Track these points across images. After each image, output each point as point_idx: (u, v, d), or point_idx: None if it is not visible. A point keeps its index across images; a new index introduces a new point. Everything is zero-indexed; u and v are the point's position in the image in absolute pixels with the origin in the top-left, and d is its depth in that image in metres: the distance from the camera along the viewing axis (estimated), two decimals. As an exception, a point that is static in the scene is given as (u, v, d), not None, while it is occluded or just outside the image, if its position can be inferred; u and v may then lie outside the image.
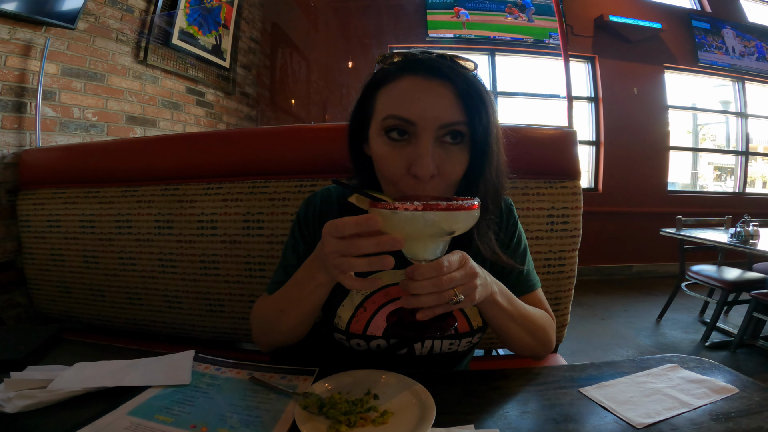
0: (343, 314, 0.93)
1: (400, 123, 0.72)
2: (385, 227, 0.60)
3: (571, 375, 0.89)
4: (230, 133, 1.57)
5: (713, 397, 0.76)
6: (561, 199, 1.28)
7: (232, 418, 0.71)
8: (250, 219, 1.32)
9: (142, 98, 2.89)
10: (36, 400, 0.73)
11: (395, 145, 0.73)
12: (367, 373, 0.84)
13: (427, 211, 0.56)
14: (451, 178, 0.74)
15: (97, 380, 0.81)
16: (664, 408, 0.73)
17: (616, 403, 0.75)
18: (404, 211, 0.57)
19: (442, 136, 0.72)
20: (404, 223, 0.58)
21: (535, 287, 0.96)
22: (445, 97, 0.71)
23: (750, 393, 0.76)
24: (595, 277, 5.31)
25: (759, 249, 2.78)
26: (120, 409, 0.72)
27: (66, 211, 1.57)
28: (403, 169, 0.72)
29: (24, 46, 2.06)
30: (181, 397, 0.77)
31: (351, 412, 0.69)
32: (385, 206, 0.58)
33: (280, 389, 0.81)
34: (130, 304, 1.54)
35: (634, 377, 0.86)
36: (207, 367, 0.91)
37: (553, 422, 0.70)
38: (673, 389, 0.80)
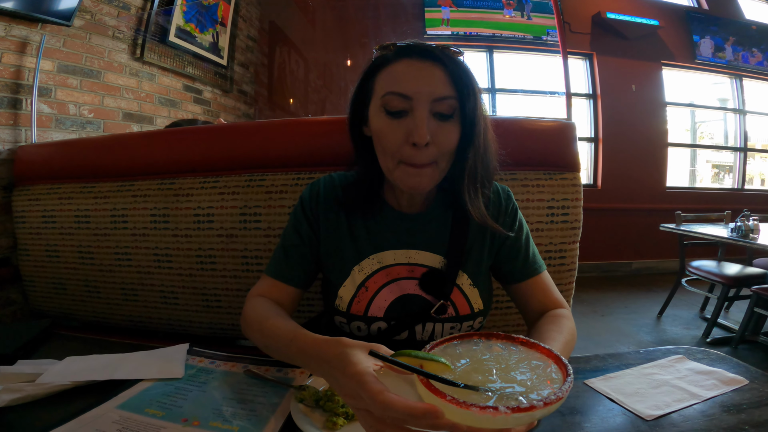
0: (344, 295, 0.92)
1: (398, 98, 0.78)
2: (453, 418, 0.45)
3: (576, 367, 0.88)
4: (227, 128, 1.55)
5: (723, 389, 0.75)
6: (561, 191, 1.27)
7: (225, 411, 0.69)
8: (247, 212, 1.31)
9: (138, 95, 2.87)
10: (24, 394, 0.72)
11: (393, 119, 0.80)
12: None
13: (520, 413, 0.42)
14: (445, 148, 0.81)
15: (87, 374, 0.80)
16: (673, 400, 0.72)
17: (623, 395, 0.74)
18: (487, 415, 0.42)
19: (436, 111, 0.79)
20: (487, 423, 0.43)
21: (541, 269, 0.96)
22: (437, 75, 0.79)
23: (760, 384, 0.75)
24: (595, 274, 5.31)
25: (759, 243, 2.77)
26: (109, 402, 0.71)
27: (61, 207, 1.55)
28: (401, 140, 0.79)
29: (20, 43, 2.05)
30: (173, 390, 0.76)
31: (348, 406, 0.67)
32: (465, 406, 0.43)
33: (276, 382, 0.80)
34: (126, 300, 1.52)
35: (640, 369, 0.85)
36: (201, 360, 0.90)
37: (558, 414, 0.69)
38: (681, 381, 0.79)
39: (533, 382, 0.48)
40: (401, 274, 0.93)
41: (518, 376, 0.49)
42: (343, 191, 0.96)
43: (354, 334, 0.95)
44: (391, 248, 0.93)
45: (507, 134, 1.30)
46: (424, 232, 0.94)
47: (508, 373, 0.49)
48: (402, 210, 0.96)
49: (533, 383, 0.48)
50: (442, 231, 0.95)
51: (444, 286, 0.91)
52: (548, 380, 0.48)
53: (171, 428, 0.64)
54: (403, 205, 0.96)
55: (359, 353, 0.57)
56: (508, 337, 0.56)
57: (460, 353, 0.54)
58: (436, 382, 0.46)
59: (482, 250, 0.95)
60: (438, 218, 0.95)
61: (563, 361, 0.50)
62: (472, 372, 0.50)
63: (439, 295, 0.91)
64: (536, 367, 0.50)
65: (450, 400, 0.43)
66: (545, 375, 0.49)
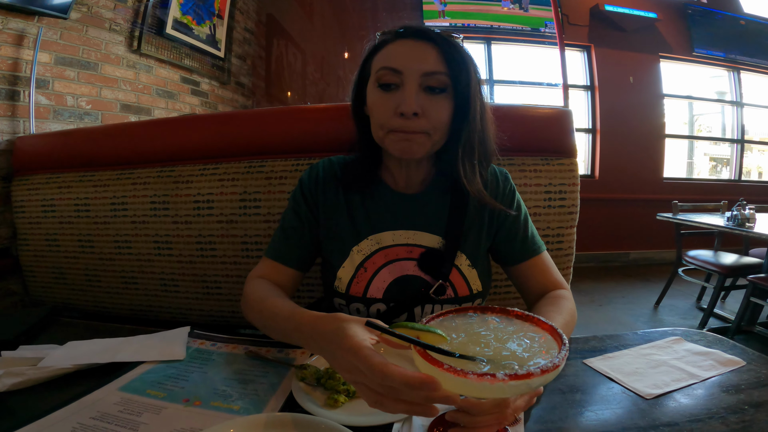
0: (343, 276, 0.93)
1: (390, 73, 0.82)
2: (450, 388, 0.46)
3: (574, 347, 0.89)
4: (226, 115, 1.56)
5: (720, 369, 0.76)
6: (558, 176, 1.28)
7: (226, 391, 0.70)
8: (247, 198, 1.31)
9: (136, 87, 2.87)
10: (25, 378, 0.71)
11: (385, 92, 0.84)
12: None
13: (517, 380, 0.43)
14: (436, 121, 0.83)
15: (88, 357, 0.80)
16: (672, 379, 0.73)
17: (622, 374, 0.75)
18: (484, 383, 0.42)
19: (427, 85, 0.82)
20: (484, 391, 0.44)
21: (540, 250, 0.98)
22: (428, 52, 0.82)
23: (758, 366, 0.76)
24: (592, 264, 5.34)
25: (756, 232, 2.78)
26: (111, 384, 0.71)
27: (60, 196, 1.55)
28: (391, 111, 0.82)
29: (17, 35, 2.06)
30: (174, 372, 0.77)
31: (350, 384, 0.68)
32: (462, 374, 0.43)
33: (277, 362, 0.80)
34: (126, 289, 1.53)
35: (638, 349, 0.86)
36: (202, 342, 0.90)
37: (559, 393, 0.70)
38: (679, 361, 0.80)
39: (529, 352, 0.49)
40: (400, 255, 0.94)
41: (514, 347, 0.49)
42: (342, 170, 0.99)
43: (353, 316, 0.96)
44: (389, 229, 0.94)
45: (505, 121, 1.31)
46: (423, 213, 0.96)
47: (504, 344, 0.50)
48: (400, 190, 0.97)
49: (529, 354, 0.48)
50: (440, 212, 0.96)
51: (442, 265, 0.92)
52: (544, 350, 0.49)
53: (172, 409, 0.65)
54: (401, 185, 0.97)
55: (356, 327, 0.57)
56: (503, 310, 0.57)
57: (456, 326, 0.55)
58: (432, 352, 0.47)
59: (480, 232, 0.96)
60: (436, 199, 0.96)
61: (558, 331, 0.50)
62: (468, 344, 0.51)
63: (437, 275, 0.92)
64: (532, 339, 0.51)
65: (447, 368, 0.43)
66: (541, 345, 0.50)
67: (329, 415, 0.61)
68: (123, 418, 0.62)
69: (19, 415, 0.61)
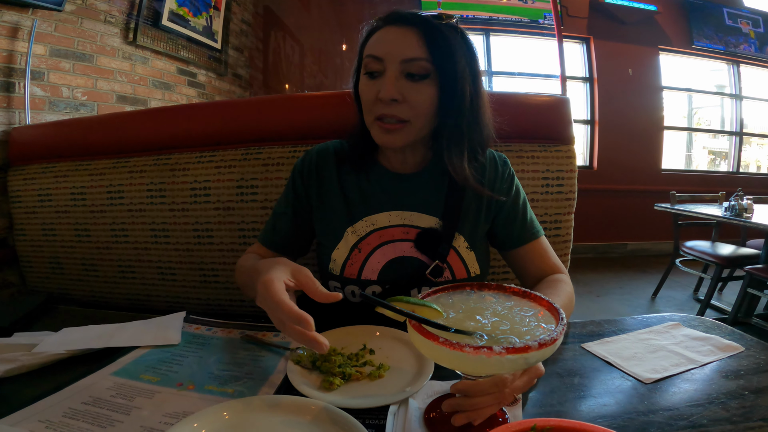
0: (337, 258, 0.94)
1: (373, 60, 0.84)
2: (446, 363, 0.47)
3: (572, 331, 0.88)
4: (223, 104, 1.55)
5: (719, 355, 0.75)
6: (556, 162, 1.27)
7: (221, 375, 0.69)
8: (244, 185, 1.31)
9: (132, 78, 2.86)
10: (19, 364, 0.71)
11: (371, 79, 0.85)
12: (364, 328, 0.84)
13: (515, 353, 0.42)
14: (418, 108, 0.83)
15: (82, 343, 0.79)
16: (671, 364, 0.72)
17: (621, 359, 0.74)
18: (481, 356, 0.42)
19: (408, 71, 0.82)
20: (481, 365, 0.44)
21: (538, 234, 0.98)
22: (409, 37, 0.82)
23: (757, 352, 0.76)
24: (590, 255, 5.35)
25: (753, 222, 2.78)
26: (104, 369, 0.70)
27: (57, 185, 1.54)
28: (374, 98, 0.84)
29: (11, 28, 2.05)
30: (169, 357, 0.76)
31: (346, 366, 0.68)
32: (458, 347, 0.43)
33: (273, 346, 0.80)
34: (123, 278, 1.52)
35: (636, 334, 0.86)
36: (198, 327, 0.90)
37: (557, 376, 0.69)
38: (677, 346, 0.79)
39: (526, 327, 0.48)
40: (396, 236, 0.93)
41: (511, 323, 0.49)
42: (339, 152, 1.00)
43: (349, 300, 0.96)
44: (385, 210, 0.95)
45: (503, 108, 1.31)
46: (420, 194, 0.95)
47: (502, 319, 0.50)
48: (395, 170, 0.97)
49: (526, 329, 0.48)
50: (437, 193, 0.95)
51: (440, 245, 0.91)
52: (542, 325, 0.49)
53: (165, 393, 0.64)
54: (396, 166, 0.97)
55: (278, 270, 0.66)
56: (501, 287, 0.56)
57: (453, 302, 0.55)
58: (427, 327, 0.47)
59: (479, 214, 0.96)
60: (434, 180, 0.96)
61: (555, 306, 0.50)
62: (464, 319, 0.50)
63: (434, 255, 0.92)
64: (529, 314, 0.51)
65: (443, 342, 0.43)
66: (539, 321, 0.50)
67: (325, 398, 0.60)
68: (115, 402, 0.61)
69: (12, 401, 0.60)
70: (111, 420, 0.57)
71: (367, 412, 0.58)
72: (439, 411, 0.58)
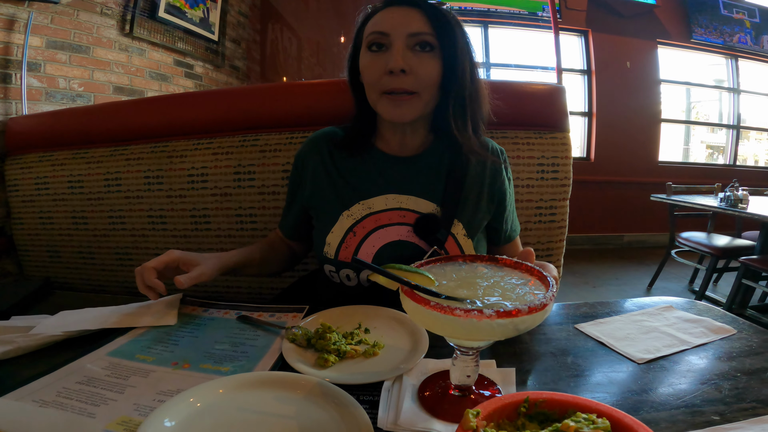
0: (332, 241, 0.94)
1: (378, 36, 0.87)
2: (439, 329, 0.47)
3: (566, 313, 0.89)
4: (220, 92, 1.55)
5: (711, 337, 0.76)
6: (551, 149, 1.28)
7: (217, 354, 0.70)
8: (241, 171, 1.31)
9: (129, 70, 2.86)
10: (15, 346, 0.70)
11: (375, 54, 0.88)
12: (359, 308, 0.84)
13: (505, 317, 0.43)
14: (424, 79, 0.87)
15: (79, 324, 0.79)
16: (664, 345, 0.72)
17: (614, 339, 0.75)
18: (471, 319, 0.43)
19: (414, 45, 0.86)
20: (471, 329, 0.44)
21: (517, 232, 1.06)
22: (413, 15, 0.86)
23: (749, 335, 0.76)
24: (587, 246, 5.37)
25: (748, 212, 2.79)
26: (99, 350, 0.71)
27: (54, 173, 1.55)
28: (382, 71, 0.86)
29: (7, 20, 2.06)
30: (164, 337, 0.76)
31: (340, 344, 0.68)
32: (449, 311, 0.43)
33: (269, 325, 0.80)
34: (121, 265, 1.53)
35: (629, 316, 0.86)
36: (194, 309, 0.90)
37: (551, 356, 0.70)
38: (670, 328, 0.80)
39: (517, 295, 0.49)
40: (392, 220, 0.94)
41: (502, 290, 0.50)
42: (335, 137, 1.02)
43: (344, 284, 0.97)
44: (381, 193, 0.95)
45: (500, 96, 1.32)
46: (418, 178, 0.96)
47: (493, 288, 0.50)
48: (394, 154, 0.98)
49: (517, 296, 0.49)
50: (436, 178, 0.96)
51: (438, 231, 0.92)
52: (532, 293, 0.49)
53: (160, 371, 0.64)
54: (395, 149, 0.98)
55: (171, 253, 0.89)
56: (492, 258, 0.57)
57: (446, 272, 0.55)
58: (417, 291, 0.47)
59: (478, 203, 0.97)
60: (433, 165, 0.97)
61: (545, 275, 0.51)
62: (456, 287, 0.51)
63: (432, 241, 0.92)
64: (520, 283, 0.52)
65: (434, 306, 0.44)
66: (529, 289, 0.50)
67: (319, 374, 0.61)
68: (110, 381, 0.61)
69: (6, 383, 0.60)
70: (105, 398, 0.57)
71: (361, 388, 0.59)
72: (433, 388, 0.58)
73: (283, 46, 4.88)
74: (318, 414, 0.52)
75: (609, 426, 0.38)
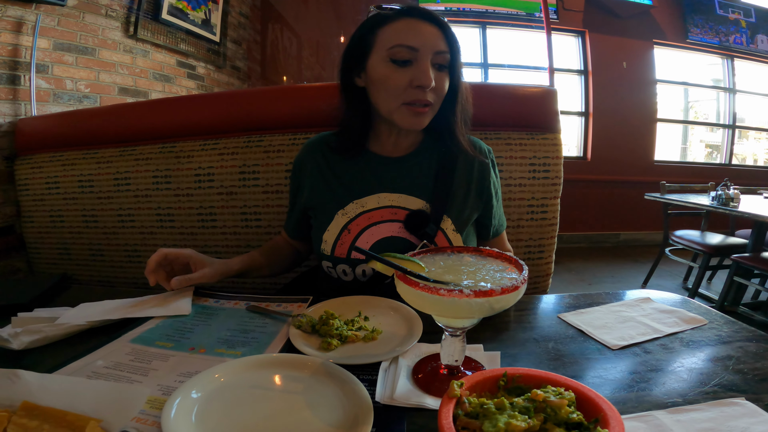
0: (328, 238, 1.01)
1: (406, 50, 0.91)
2: (427, 307, 0.54)
3: (550, 304, 0.95)
4: (226, 94, 1.61)
5: (683, 326, 0.81)
6: (542, 150, 1.34)
7: (229, 340, 0.76)
8: (246, 170, 1.37)
9: (133, 71, 2.91)
10: (42, 335, 0.75)
11: (399, 67, 0.92)
12: (358, 298, 0.90)
13: (482, 296, 0.49)
14: (440, 93, 0.96)
15: (101, 315, 0.85)
16: (637, 333, 0.78)
17: (592, 328, 0.80)
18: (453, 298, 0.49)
19: (435, 62, 0.93)
20: (454, 307, 0.51)
21: (504, 228, 1.13)
22: (436, 33, 0.93)
23: (719, 325, 0.81)
24: (584, 245, 5.43)
25: (738, 211, 2.84)
26: (122, 338, 0.76)
27: (64, 173, 1.60)
28: (406, 84, 0.92)
29: (16, 22, 2.10)
30: (180, 326, 0.82)
31: (342, 329, 0.74)
32: (434, 291, 0.50)
33: (275, 314, 0.86)
34: (129, 262, 1.59)
35: (608, 306, 0.91)
36: (206, 300, 0.96)
37: (534, 342, 0.75)
38: (645, 318, 0.85)
39: (494, 279, 0.56)
40: (384, 217, 1.00)
41: (483, 276, 0.56)
42: (329, 141, 1.09)
43: (342, 279, 1.03)
44: (374, 192, 1.02)
45: (493, 98, 1.39)
46: (408, 177, 1.03)
47: (475, 273, 0.57)
48: (386, 155, 1.05)
49: (494, 280, 0.55)
50: (426, 176, 1.03)
51: (428, 226, 0.98)
52: (507, 278, 0.56)
53: (179, 356, 0.70)
54: (388, 150, 1.05)
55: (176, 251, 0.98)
56: (477, 249, 0.64)
57: (435, 261, 0.62)
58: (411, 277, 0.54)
59: (466, 199, 1.03)
60: (423, 164, 1.04)
61: (520, 263, 0.57)
62: (443, 273, 0.58)
63: (422, 236, 0.98)
64: (498, 270, 0.58)
65: (422, 287, 0.51)
66: (506, 275, 0.57)
67: (324, 356, 0.67)
68: (134, 365, 0.67)
69: (37, 369, 0.63)
70: (131, 380, 0.62)
71: (361, 368, 0.65)
72: (425, 368, 0.64)
73: (283, 46, 4.94)
74: (323, 390, 0.58)
75: (574, 397, 0.45)
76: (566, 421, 0.43)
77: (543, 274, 1.43)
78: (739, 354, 0.69)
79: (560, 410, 0.43)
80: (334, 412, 0.54)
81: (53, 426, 0.42)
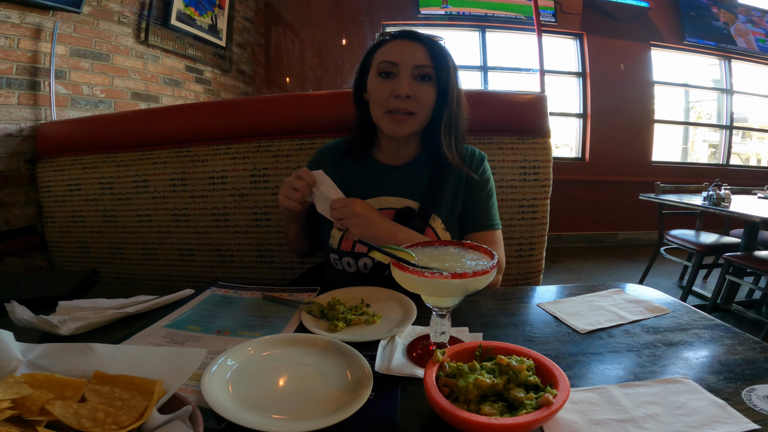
0: (336, 234, 1.14)
1: (388, 65, 1.06)
2: (416, 288, 0.65)
3: (531, 294, 1.06)
4: (238, 102, 1.72)
5: (647, 315, 0.90)
6: (533, 153, 1.44)
7: (249, 324, 0.88)
8: (257, 174, 1.49)
9: (145, 76, 3.02)
10: (87, 322, 0.84)
11: (384, 79, 1.07)
12: (361, 288, 1.02)
13: (457, 278, 0.60)
14: (423, 103, 1.07)
15: (137, 305, 0.96)
16: (605, 320, 0.88)
17: (566, 315, 0.91)
18: (435, 279, 0.60)
19: (417, 75, 1.05)
20: (435, 287, 0.62)
21: (495, 226, 1.17)
22: (418, 49, 1.06)
23: (680, 314, 0.90)
24: (582, 244, 5.53)
25: (729, 210, 2.91)
26: (157, 323, 0.88)
27: (86, 176, 1.71)
28: (388, 94, 1.05)
29: (34, 29, 2.18)
30: (207, 313, 0.94)
31: (347, 314, 0.86)
32: (420, 273, 0.61)
33: (289, 301, 0.98)
34: (147, 259, 1.69)
35: (583, 297, 1.02)
36: (226, 291, 1.08)
37: (513, 326, 0.86)
38: (615, 307, 0.95)
39: (470, 266, 0.67)
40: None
41: (461, 264, 0.68)
42: (339, 148, 1.21)
43: (346, 271, 1.16)
44: (376, 195, 1.15)
45: (486, 104, 1.49)
46: (406, 182, 1.16)
47: (456, 261, 0.69)
48: (388, 163, 1.18)
49: (470, 267, 0.66)
50: (420, 181, 1.16)
51: (413, 220, 1.10)
52: (481, 265, 0.67)
53: (207, 338, 0.81)
54: (390, 159, 1.18)
55: None
56: (460, 243, 0.75)
57: (423, 252, 0.74)
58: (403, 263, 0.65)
59: (456, 198, 1.15)
60: (419, 170, 1.17)
61: (493, 254, 0.69)
62: (430, 261, 0.69)
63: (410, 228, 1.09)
64: (475, 258, 0.70)
65: (411, 271, 0.62)
66: (481, 262, 0.68)
67: (332, 336, 0.78)
68: (170, 346, 0.78)
69: None
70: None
71: (363, 345, 0.75)
72: (417, 345, 0.75)
73: (287, 49, 5.05)
74: (331, 362, 0.69)
75: (533, 364, 0.57)
76: (525, 382, 0.54)
77: (534, 270, 1.52)
78: (692, 340, 0.78)
79: (520, 373, 0.55)
80: (341, 379, 0.64)
81: (123, 390, 0.51)
